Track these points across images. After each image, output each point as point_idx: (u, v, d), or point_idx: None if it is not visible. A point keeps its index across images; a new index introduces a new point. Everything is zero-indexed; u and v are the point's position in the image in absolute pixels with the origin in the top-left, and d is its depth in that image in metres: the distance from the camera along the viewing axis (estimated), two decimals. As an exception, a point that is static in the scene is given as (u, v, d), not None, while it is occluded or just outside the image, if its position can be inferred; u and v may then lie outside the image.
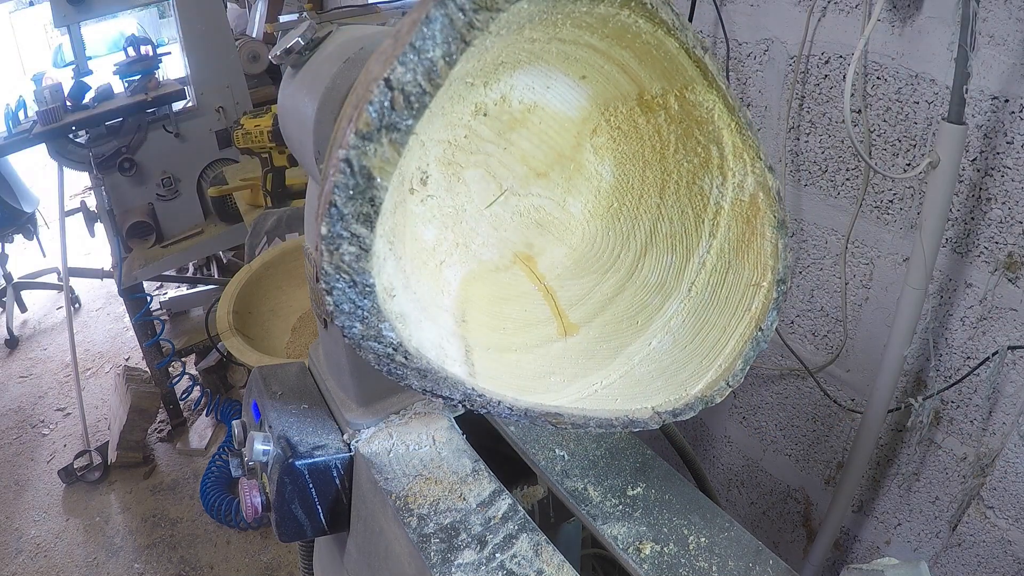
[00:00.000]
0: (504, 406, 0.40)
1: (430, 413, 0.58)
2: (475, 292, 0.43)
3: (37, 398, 2.64)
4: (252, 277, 1.24)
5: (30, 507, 2.10)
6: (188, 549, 1.88)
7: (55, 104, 1.80)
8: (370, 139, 0.25)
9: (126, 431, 2.12)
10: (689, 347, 0.45)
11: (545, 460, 0.54)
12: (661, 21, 0.34)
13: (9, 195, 2.73)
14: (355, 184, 0.26)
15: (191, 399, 2.40)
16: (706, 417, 1.47)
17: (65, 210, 2.25)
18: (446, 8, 0.25)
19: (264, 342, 1.16)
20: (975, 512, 0.97)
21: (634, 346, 0.45)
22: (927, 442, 1.01)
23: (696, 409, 0.44)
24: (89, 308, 3.26)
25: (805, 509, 1.30)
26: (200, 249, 2.07)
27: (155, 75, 1.97)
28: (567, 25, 0.32)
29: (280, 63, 0.46)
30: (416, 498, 0.50)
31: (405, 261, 0.35)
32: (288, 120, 0.47)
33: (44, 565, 1.89)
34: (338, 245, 0.27)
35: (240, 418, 0.64)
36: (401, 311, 0.33)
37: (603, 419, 0.42)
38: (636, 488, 0.51)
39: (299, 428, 0.56)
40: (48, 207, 3.56)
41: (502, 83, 0.35)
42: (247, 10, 2.84)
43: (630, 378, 0.45)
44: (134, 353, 2.77)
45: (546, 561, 0.44)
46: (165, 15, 5.95)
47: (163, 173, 1.99)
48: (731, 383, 0.44)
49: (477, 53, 0.27)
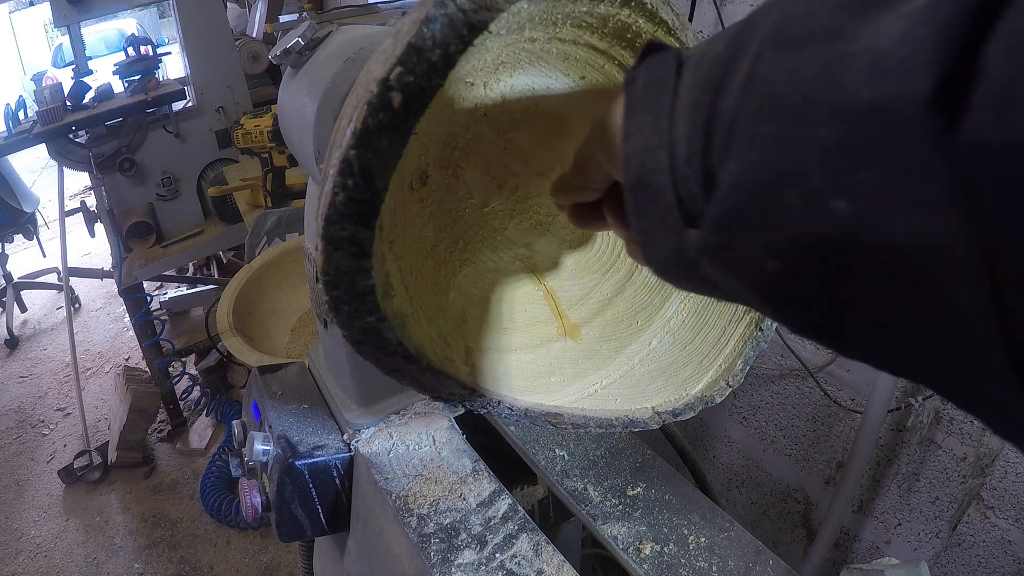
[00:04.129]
0: (504, 406, 0.40)
1: (430, 413, 0.58)
2: (475, 292, 0.43)
3: (37, 398, 2.64)
4: (252, 277, 1.24)
5: (30, 507, 2.10)
6: (188, 549, 1.88)
7: (55, 104, 1.80)
8: (370, 139, 0.25)
9: (126, 431, 2.12)
10: (689, 347, 0.45)
11: (545, 460, 0.54)
12: (661, 21, 0.34)
13: (9, 195, 2.73)
14: (355, 184, 0.26)
15: (191, 399, 2.40)
16: (706, 417, 1.47)
17: (65, 210, 2.25)
18: (446, 8, 0.25)
19: (264, 342, 1.16)
20: (975, 512, 0.97)
21: (634, 346, 0.45)
22: (927, 442, 1.01)
23: (696, 409, 0.44)
24: (89, 308, 3.27)
25: (805, 509, 1.30)
26: (200, 249, 2.07)
27: (155, 75, 1.96)
28: (567, 25, 0.32)
29: (280, 63, 0.46)
30: (416, 498, 0.50)
31: (405, 261, 0.35)
32: (288, 120, 0.47)
33: (44, 565, 1.89)
34: (338, 245, 0.27)
35: (240, 418, 0.64)
36: (401, 311, 0.33)
37: (603, 419, 0.42)
38: (636, 488, 0.51)
39: (299, 428, 0.56)
40: (48, 207, 3.57)
41: (502, 83, 0.35)
42: (247, 10, 2.84)
43: (630, 378, 0.45)
44: (134, 353, 2.77)
45: (546, 561, 0.44)
46: (165, 15, 5.97)
47: (163, 173, 1.99)
48: (731, 383, 0.44)
49: (477, 53, 0.27)
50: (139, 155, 1.95)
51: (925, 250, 0.15)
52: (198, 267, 2.84)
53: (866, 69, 0.16)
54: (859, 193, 0.16)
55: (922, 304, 0.16)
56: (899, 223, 0.15)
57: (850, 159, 0.16)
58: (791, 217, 0.18)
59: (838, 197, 0.16)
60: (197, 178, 2.06)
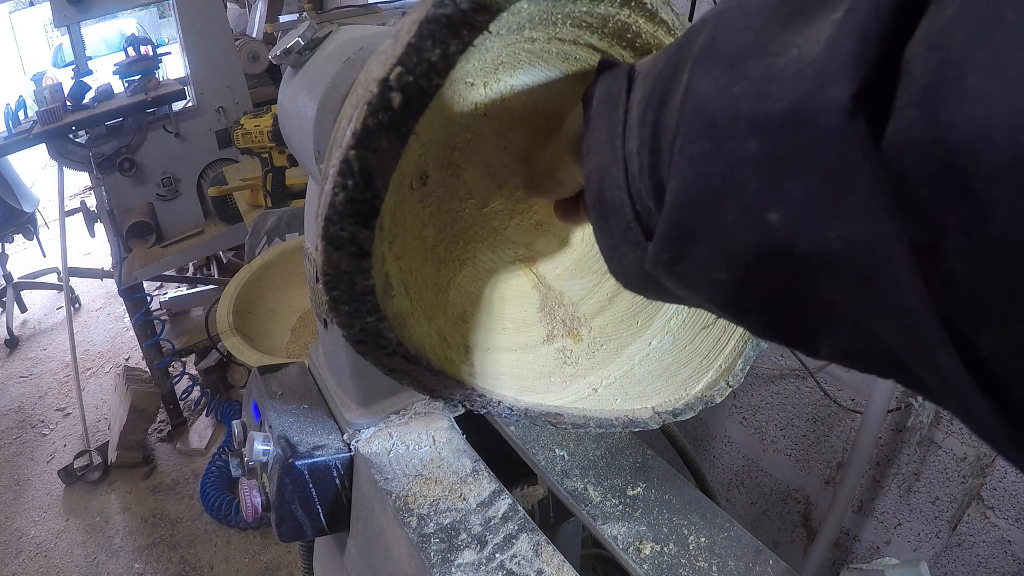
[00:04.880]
0: (504, 406, 0.40)
1: (430, 413, 0.58)
2: (475, 292, 0.43)
3: (37, 398, 2.64)
4: (252, 277, 1.24)
5: (30, 507, 2.10)
6: (188, 549, 1.88)
7: (55, 104, 1.80)
8: (370, 139, 0.25)
9: (126, 431, 2.12)
10: (689, 347, 0.45)
11: (545, 460, 0.54)
12: (661, 21, 0.34)
13: (9, 195, 2.74)
14: (355, 184, 0.26)
15: (191, 399, 2.40)
16: (706, 417, 1.47)
17: (65, 210, 2.25)
18: (446, 8, 0.25)
19: (264, 342, 1.16)
20: (975, 512, 0.97)
21: (634, 346, 0.45)
22: (927, 442, 1.01)
23: (696, 409, 0.44)
24: (89, 308, 3.27)
25: (805, 509, 1.30)
26: (200, 249, 2.07)
27: (155, 75, 1.97)
28: (567, 25, 0.32)
29: (280, 63, 0.46)
30: (416, 498, 0.50)
31: (404, 261, 0.35)
32: (288, 120, 0.47)
33: (44, 565, 1.89)
34: (338, 245, 0.27)
35: (240, 418, 0.64)
36: (401, 311, 0.33)
37: (603, 419, 0.42)
38: (636, 488, 0.51)
39: (299, 428, 0.56)
40: (48, 207, 3.57)
41: (502, 83, 0.35)
42: (247, 10, 2.84)
43: (630, 378, 0.45)
44: (134, 353, 2.77)
45: (546, 561, 0.44)
46: (165, 15, 5.97)
47: (163, 173, 1.99)
48: (731, 383, 0.44)
49: (477, 53, 0.27)
50: (139, 155, 1.95)
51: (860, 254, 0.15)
52: (198, 267, 2.84)
53: (790, 79, 0.16)
54: (790, 203, 0.16)
55: (869, 305, 0.16)
56: (832, 230, 0.16)
57: (778, 170, 0.16)
58: (732, 230, 0.18)
59: (771, 209, 0.17)
60: (197, 178, 2.06)
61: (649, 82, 0.22)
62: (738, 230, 0.18)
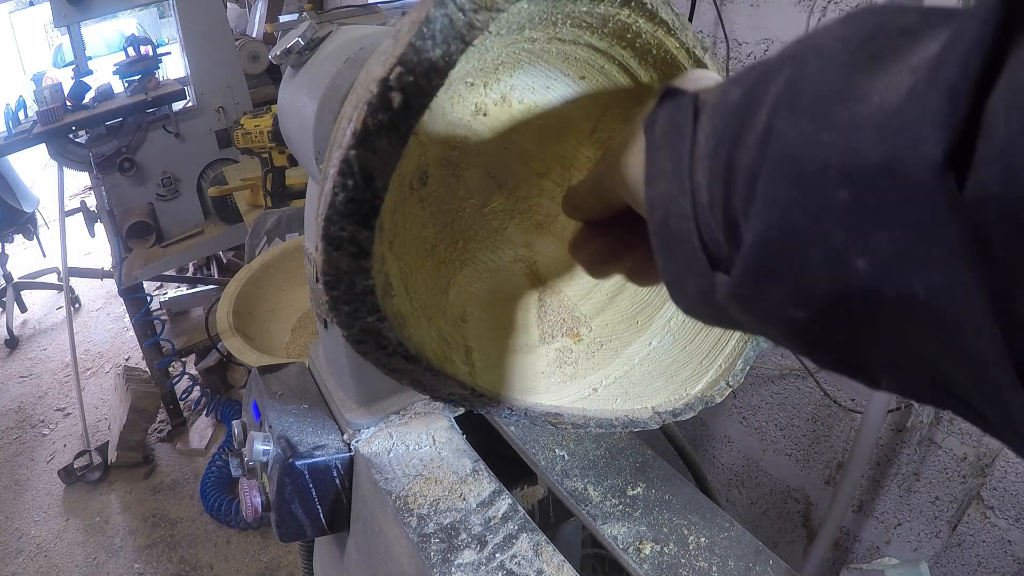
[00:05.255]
0: (504, 406, 0.40)
1: (430, 413, 0.58)
2: (475, 292, 0.43)
3: (37, 398, 2.64)
4: (252, 277, 1.24)
5: (30, 507, 2.10)
6: (188, 549, 1.88)
7: (55, 104, 1.80)
8: (370, 139, 0.25)
9: (126, 431, 2.12)
10: (689, 347, 0.45)
11: (545, 460, 0.54)
12: (661, 21, 0.34)
13: (9, 195, 2.74)
14: (355, 184, 0.26)
15: (191, 399, 2.40)
16: (706, 417, 1.47)
17: (65, 210, 2.25)
18: (446, 8, 0.25)
19: (264, 342, 1.16)
20: (975, 512, 0.97)
21: (634, 346, 0.45)
22: (927, 442, 1.01)
23: (696, 409, 0.44)
24: (89, 308, 3.27)
25: (805, 509, 1.30)
26: (200, 249, 2.07)
27: (155, 75, 1.97)
28: (567, 25, 0.32)
29: (280, 63, 0.46)
30: (416, 498, 0.50)
31: (405, 261, 0.35)
32: (288, 120, 0.47)
33: (44, 565, 1.89)
34: (338, 245, 0.27)
35: (240, 418, 0.64)
36: (401, 311, 0.33)
37: (603, 419, 0.42)
38: (636, 488, 0.51)
39: (299, 428, 0.56)
40: (48, 207, 3.57)
41: (502, 83, 0.35)
42: (247, 10, 2.84)
43: (630, 378, 0.45)
44: (134, 353, 2.77)
45: (546, 561, 0.44)
46: (165, 15, 5.96)
47: (163, 173, 1.99)
48: (731, 383, 0.44)
49: (477, 53, 0.27)
50: (139, 155, 1.95)
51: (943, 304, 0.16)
52: (198, 267, 2.84)
53: (876, 130, 0.16)
54: (878, 252, 0.17)
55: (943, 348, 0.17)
56: (917, 280, 0.16)
57: (867, 220, 0.17)
58: (815, 273, 0.19)
59: (858, 256, 0.17)
60: (197, 178, 2.06)
61: (721, 117, 0.22)
62: (822, 273, 0.18)
